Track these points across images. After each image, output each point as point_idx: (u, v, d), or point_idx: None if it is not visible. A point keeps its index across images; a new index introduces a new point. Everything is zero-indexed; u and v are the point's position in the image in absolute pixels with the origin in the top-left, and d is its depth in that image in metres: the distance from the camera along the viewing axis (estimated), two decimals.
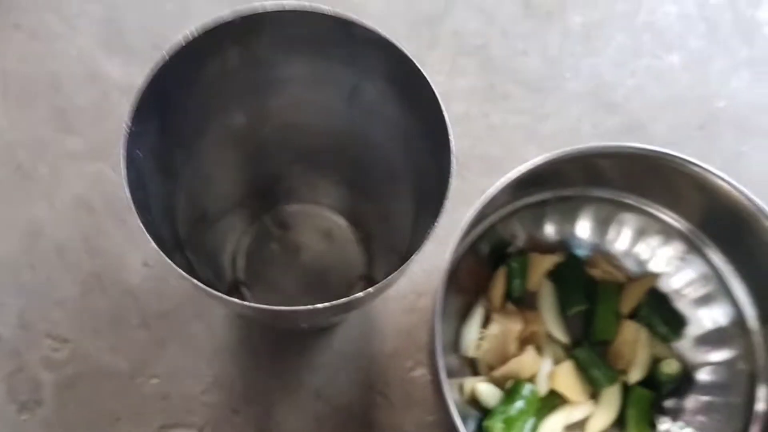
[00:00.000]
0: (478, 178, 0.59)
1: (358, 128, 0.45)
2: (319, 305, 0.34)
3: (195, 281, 0.33)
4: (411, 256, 0.36)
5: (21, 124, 0.59)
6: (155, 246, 0.33)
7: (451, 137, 0.36)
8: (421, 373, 0.55)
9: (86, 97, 0.60)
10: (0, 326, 0.54)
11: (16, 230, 0.56)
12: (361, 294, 0.34)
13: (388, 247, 0.54)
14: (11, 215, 0.57)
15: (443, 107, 0.36)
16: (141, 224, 0.33)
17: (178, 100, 0.38)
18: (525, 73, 0.63)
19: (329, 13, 0.37)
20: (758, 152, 0.62)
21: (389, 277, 0.35)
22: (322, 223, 0.57)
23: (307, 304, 0.33)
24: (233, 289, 0.55)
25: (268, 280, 0.56)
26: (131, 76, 0.60)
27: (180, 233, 0.43)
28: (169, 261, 0.33)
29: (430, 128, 0.39)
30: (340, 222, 0.57)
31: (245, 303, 0.34)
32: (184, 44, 0.35)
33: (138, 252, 0.56)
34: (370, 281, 0.56)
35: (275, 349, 0.55)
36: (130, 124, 0.34)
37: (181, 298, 0.55)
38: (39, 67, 0.60)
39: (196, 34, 0.35)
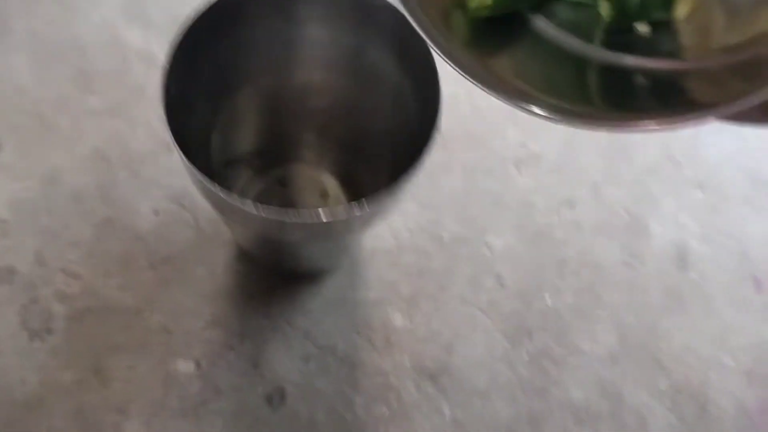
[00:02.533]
0: (462, 153, 0.66)
1: (358, 91, 0.51)
2: (322, 218, 0.39)
3: (231, 198, 0.38)
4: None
5: (46, 81, 0.64)
6: (192, 168, 0.38)
7: (441, 85, 0.42)
8: (401, 319, 0.60)
9: (107, 62, 0.65)
10: (18, 262, 0.59)
11: (36, 177, 0.61)
12: (357, 210, 0.39)
13: None
14: (32, 162, 0.62)
15: (436, 61, 0.42)
16: (177, 149, 0.38)
17: (213, 51, 0.44)
18: None
19: None
20: None
21: (379, 194, 0.40)
22: (317, 183, 0.63)
23: None
24: None
25: None
26: (149, 44, 0.66)
27: (213, 174, 0.48)
28: (207, 184, 0.38)
29: (422, 84, 0.45)
30: (333, 182, 0.63)
31: (266, 211, 0.38)
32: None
33: (149, 201, 0.61)
34: None
35: (269, 294, 0.60)
36: (168, 62, 0.39)
37: (186, 244, 0.61)
38: (64, 31, 0.66)
39: None
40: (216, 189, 0.38)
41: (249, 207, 0.39)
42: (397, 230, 0.63)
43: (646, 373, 0.61)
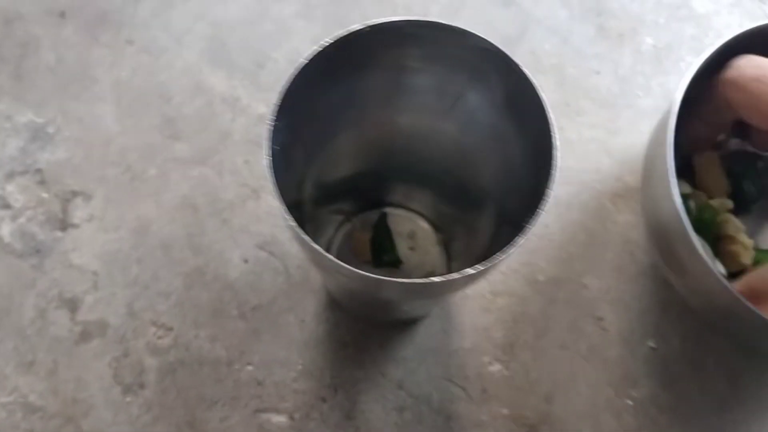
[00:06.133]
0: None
1: (455, 137, 0.49)
2: (419, 280, 0.37)
3: (330, 257, 0.36)
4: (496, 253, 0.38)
5: (132, 130, 0.64)
6: (294, 225, 0.36)
7: (556, 149, 0.39)
8: (497, 368, 0.58)
9: (192, 107, 0.65)
10: (109, 315, 0.59)
11: (125, 227, 0.61)
12: (470, 270, 0.37)
13: (467, 251, 0.58)
14: (121, 213, 0.62)
15: (552, 122, 0.39)
16: (283, 210, 0.36)
17: (314, 101, 0.43)
18: (598, 91, 0.67)
19: (448, 25, 0.41)
20: None
21: (495, 257, 0.38)
22: (406, 226, 0.61)
23: None
24: None
25: None
26: (234, 88, 0.66)
27: (305, 220, 0.47)
28: (315, 246, 0.36)
29: (530, 141, 0.42)
30: (424, 225, 0.61)
31: (362, 273, 0.36)
32: (320, 50, 0.39)
33: (238, 249, 0.61)
34: None
35: (361, 343, 0.59)
36: (273, 119, 0.38)
37: (276, 292, 0.60)
38: (149, 79, 0.66)
39: (331, 41, 0.39)
40: (322, 253, 0.36)
41: (348, 270, 0.37)
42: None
43: (758, 421, 0.57)
